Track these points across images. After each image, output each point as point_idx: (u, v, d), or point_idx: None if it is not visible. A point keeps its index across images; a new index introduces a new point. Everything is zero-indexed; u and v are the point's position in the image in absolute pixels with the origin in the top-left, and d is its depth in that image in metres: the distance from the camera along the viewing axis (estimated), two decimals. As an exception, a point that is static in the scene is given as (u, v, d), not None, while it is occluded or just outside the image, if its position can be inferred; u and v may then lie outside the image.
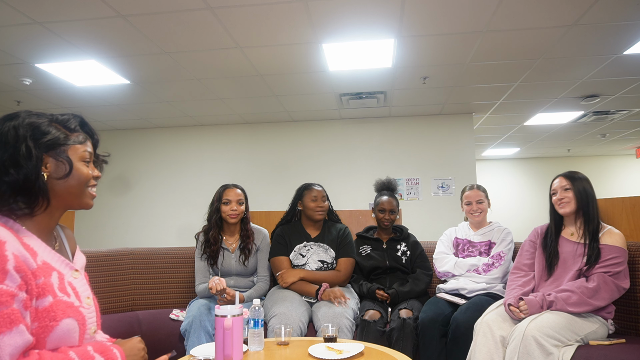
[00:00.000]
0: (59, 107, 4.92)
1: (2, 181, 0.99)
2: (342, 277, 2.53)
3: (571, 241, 2.10)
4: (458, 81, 4.30)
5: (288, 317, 2.18)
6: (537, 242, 2.23)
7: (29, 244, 1.01)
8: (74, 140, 1.10)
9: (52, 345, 0.98)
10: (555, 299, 1.92)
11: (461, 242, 2.68)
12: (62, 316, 0.99)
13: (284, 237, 2.61)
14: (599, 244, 1.99)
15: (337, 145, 5.75)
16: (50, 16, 2.88)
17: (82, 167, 1.10)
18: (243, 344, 1.62)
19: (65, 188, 1.08)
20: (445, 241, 2.73)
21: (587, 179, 2.14)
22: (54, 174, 1.06)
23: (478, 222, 2.66)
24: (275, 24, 3.04)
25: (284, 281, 2.45)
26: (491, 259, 2.51)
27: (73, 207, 1.14)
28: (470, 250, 2.62)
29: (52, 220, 1.10)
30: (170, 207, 5.91)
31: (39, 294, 0.97)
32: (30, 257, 0.98)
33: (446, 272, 2.58)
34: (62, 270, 1.08)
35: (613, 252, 1.94)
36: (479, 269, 2.49)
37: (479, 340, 1.95)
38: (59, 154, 1.06)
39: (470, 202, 2.64)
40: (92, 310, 1.11)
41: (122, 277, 2.66)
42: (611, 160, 9.09)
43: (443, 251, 2.69)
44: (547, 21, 3.05)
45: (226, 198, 2.55)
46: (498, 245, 2.55)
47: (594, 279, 1.92)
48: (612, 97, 4.84)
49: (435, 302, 2.42)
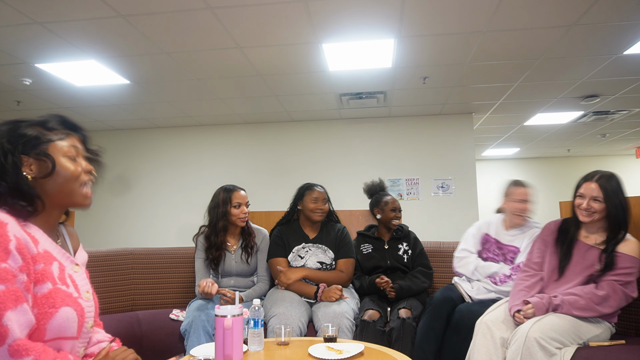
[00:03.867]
0: (59, 107, 4.92)
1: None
2: (345, 277, 2.52)
3: (586, 244, 2.01)
4: (458, 81, 4.30)
5: (287, 318, 2.18)
6: (548, 239, 2.13)
7: (31, 232, 1.02)
8: (53, 137, 1.09)
9: (52, 334, 0.98)
10: (562, 302, 1.87)
11: (490, 241, 2.49)
12: (61, 304, 1.00)
13: (282, 238, 2.59)
14: (615, 252, 1.90)
15: (337, 146, 5.75)
16: (50, 16, 2.88)
17: (66, 163, 1.08)
18: (243, 344, 1.62)
19: (55, 187, 1.07)
20: (475, 236, 2.52)
21: (620, 184, 1.95)
22: (39, 174, 1.05)
23: (519, 223, 2.43)
24: (275, 24, 3.04)
25: (287, 277, 2.43)
26: (511, 270, 2.34)
27: (67, 205, 1.13)
28: (496, 253, 2.44)
29: (51, 218, 1.10)
30: (170, 207, 5.91)
31: (37, 280, 0.98)
32: (31, 242, 0.99)
33: (462, 274, 2.48)
34: (63, 262, 1.09)
35: (628, 262, 1.87)
36: (497, 278, 2.34)
37: (478, 340, 1.95)
38: (39, 154, 1.05)
39: (524, 200, 2.36)
40: (91, 304, 1.11)
41: (122, 277, 2.66)
42: (611, 160, 9.09)
43: (467, 249, 2.50)
44: (547, 21, 3.05)
45: (237, 201, 2.52)
46: (521, 253, 2.35)
47: (603, 286, 1.86)
48: (612, 97, 4.84)
49: (451, 288, 2.44)
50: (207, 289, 2.28)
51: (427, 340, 2.21)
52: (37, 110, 5.01)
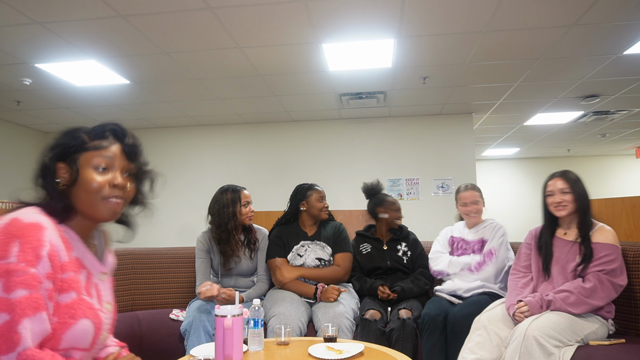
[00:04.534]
0: (59, 107, 4.92)
1: (41, 187, 1.05)
2: (342, 271, 2.53)
3: (565, 240, 2.09)
4: (458, 81, 4.30)
5: (287, 317, 2.18)
6: (532, 243, 2.21)
7: (67, 237, 1.02)
8: (88, 146, 1.06)
9: (66, 344, 0.97)
10: (554, 298, 1.91)
11: (456, 241, 2.70)
12: (81, 315, 0.99)
13: (282, 238, 2.60)
14: (591, 243, 1.97)
15: (337, 145, 5.75)
16: (50, 16, 2.88)
17: (90, 174, 1.04)
18: (243, 344, 1.62)
19: (79, 196, 1.04)
20: (442, 240, 2.75)
21: (580, 178, 2.11)
22: (67, 182, 1.04)
23: (474, 222, 2.67)
24: (275, 24, 3.04)
25: (283, 277, 2.45)
26: (483, 256, 2.52)
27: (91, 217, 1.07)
28: (464, 248, 2.64)
29: (85, 226, 1.08)
30: (170, 207, 5.90)
31: (63, 288, 0.97)
32: (64, 250, 0.98)
33: (440, 270, 2.61)
34: (91, 270, 1.08)
35: (605, 250, 1.93)
36: (472, 267, 2.51)
37: (473, 336, 1.97)
38: (72, 162, 1.05)
39: (466, 204, 2.65)
40: (109, 316, 1.11)
41: (122, 277, 2.66)
42: (611, 160, 9.09)
43: (438, 250, 2.71)
44: (547, 21, 3.05)
45: (245, 200, 2.53)
46: (490, 242, 2.55)
47: (589, 278, 1.91)
48: (612, 97, 4.84)
49: (437, 300, 2.45)
50: (209, 292, 2.27)
51: (433, 356, 2.20)
52: (37, 110, 5.01)
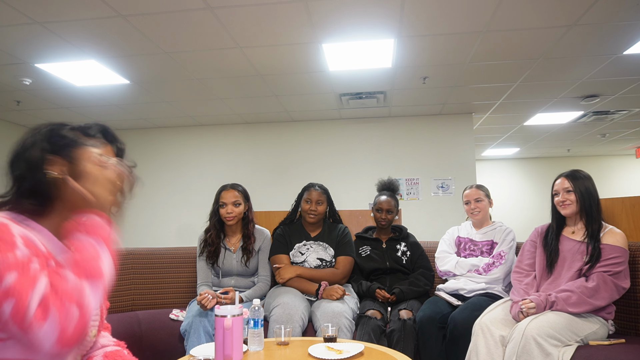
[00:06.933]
0: (59, 107, 4.92)
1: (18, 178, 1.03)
2: (340, 274, 2.52)
3: (573, 240, 2.09)
4: (458, 81, 4.30)
5: (291, 307, 2.19)
6: (537, 241, 2.22)
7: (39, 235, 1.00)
8: (87, 143, 1.09)
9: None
10: (556, 299, 1.91)
11: (463, 241, 2.67)
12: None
13: (285, 236, 2.62)
14: (600, 244, 1.98)
15: (337, 145, 5.75)
16: (50, 16, 2.88)
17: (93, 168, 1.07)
18: (243, 344, 1.63)
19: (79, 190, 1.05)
20: (448, 240, 2.72)
21: (590, 177, 2.12)
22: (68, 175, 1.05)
23: (479, 221, 2.65)
24: (275, 24, 3.04)
25: (281, 277, 2.46)
26: (492, 258, 2.49)
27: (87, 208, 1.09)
28: (472, 249, 2.61)
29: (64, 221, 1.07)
30: (170, 207, 5.91)
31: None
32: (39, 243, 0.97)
33: (447, 271, 2.57)
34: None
35: (614, 252, 1.93)
36: (480, 269, 2.48)
37: (478, 340, 1.95)
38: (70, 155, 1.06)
39: (469, 201, 2.63)
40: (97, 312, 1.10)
41: (122, 277, 2.66)
42: (611, 160, 9.09)
43: (445, 250, 2.66)
44: (547, 21, 3.05)
45: (222, 201, 2.53)
46: (500, 245, 2.52)
47: (593, 278, 1.91)
48: (612, 97, 4.84)
49: (434, 301, 2.42)
50: (206, 302, 2.23)
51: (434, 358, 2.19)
52: (37, 110, 5.01)
